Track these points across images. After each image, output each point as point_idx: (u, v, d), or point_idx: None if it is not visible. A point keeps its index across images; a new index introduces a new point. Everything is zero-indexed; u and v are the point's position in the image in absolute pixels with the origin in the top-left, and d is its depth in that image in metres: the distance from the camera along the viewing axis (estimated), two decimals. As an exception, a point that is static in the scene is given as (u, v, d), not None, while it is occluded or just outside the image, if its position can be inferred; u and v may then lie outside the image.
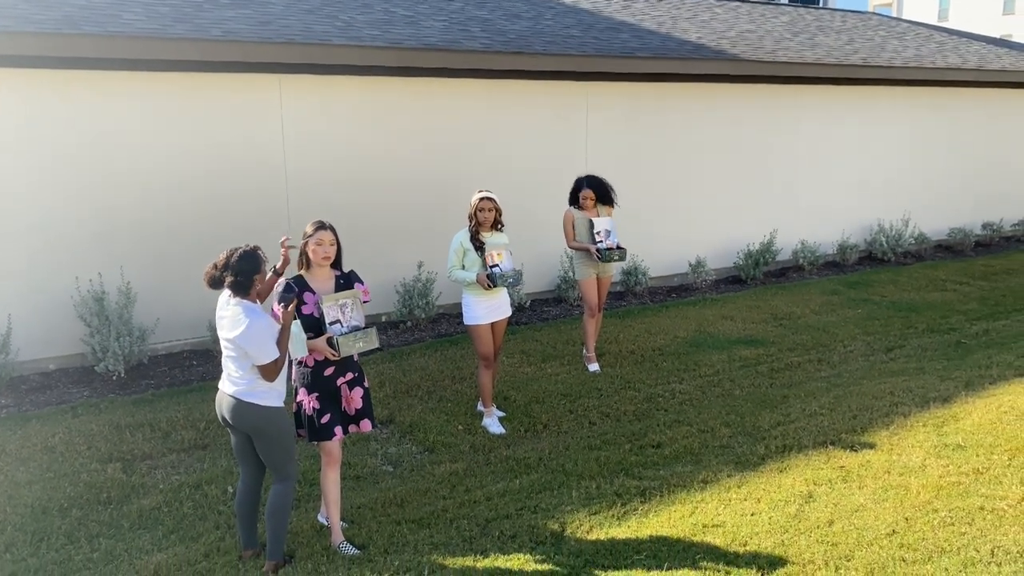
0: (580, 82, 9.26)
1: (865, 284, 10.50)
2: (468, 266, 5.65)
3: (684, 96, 10.08)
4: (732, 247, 10.83)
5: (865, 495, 4.54)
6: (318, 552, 4.21)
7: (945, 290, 10.27)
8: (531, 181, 9.06)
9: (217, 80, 7.29)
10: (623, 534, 4.26)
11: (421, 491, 4.91)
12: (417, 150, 8.40)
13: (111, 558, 4.20)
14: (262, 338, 3.76)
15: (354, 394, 4.29)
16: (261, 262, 3.87)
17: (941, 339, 8.12)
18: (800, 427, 5.66)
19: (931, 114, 12.59)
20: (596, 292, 7.06)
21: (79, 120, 6.80)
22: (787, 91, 10.94)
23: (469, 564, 4.03)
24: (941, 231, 13.10)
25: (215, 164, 7.39)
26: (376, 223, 8.21)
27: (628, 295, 9.80)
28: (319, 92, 7.79)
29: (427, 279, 8.32)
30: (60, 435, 5.62)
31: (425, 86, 8.32)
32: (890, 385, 6.48)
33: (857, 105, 11.70)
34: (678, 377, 6.99)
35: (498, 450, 5.53)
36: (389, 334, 8.12)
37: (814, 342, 8.02)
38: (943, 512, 4.28)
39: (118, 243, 7.05)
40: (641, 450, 5.43)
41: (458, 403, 6.32)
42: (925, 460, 4.96)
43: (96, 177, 6.91)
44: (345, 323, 4.17)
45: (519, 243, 6.91)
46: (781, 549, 3.99)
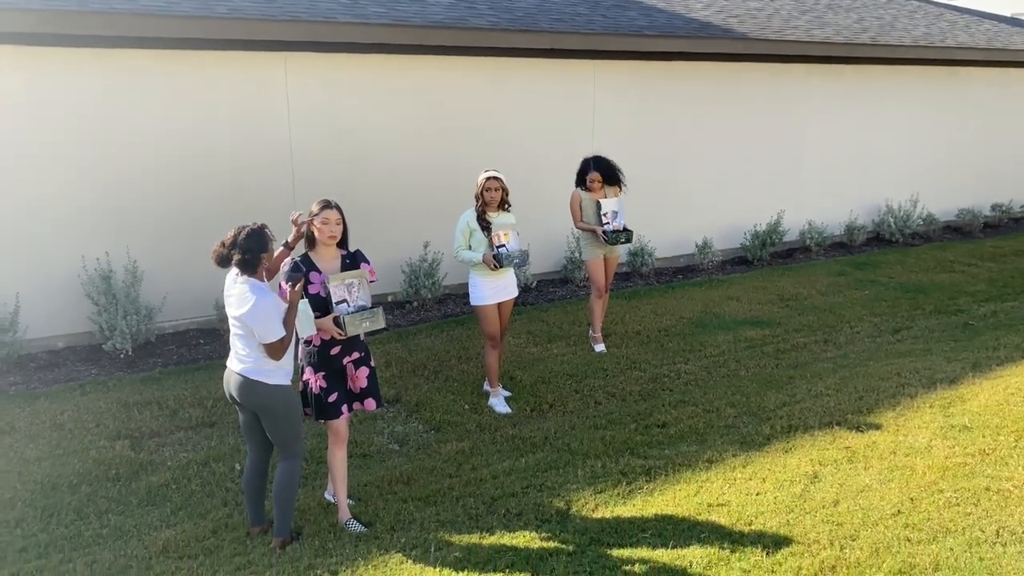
0: (587, 60, 9.19)
1: (873, 265, 10.46)
2: (475, 246, 5.63)
3: (692, 75, 10.00)
4: (739, 228, 10.79)
5: (871, 475, 4.54)
6: (325, 529, 4.24)
7: (953, 271, 10.23)
8: (538, 160, 9.02)
9: (223, 58, 7.25)
10: (628, 512, 4.27)
11: (427, 469, 4.93)
12: (423, 129, 8.36)
13: (120, 534, 4.24)
14: (268, 316, 3.76)
15: (359, 373, 4.30)
16: (268, 240, 3.87)
17: (949, 320, 8.10)
18: (806, 408, 5.66)
19: (940, 94, 12.48)
20: (603, 273, 7.04)
21: (85, 98, 6.78)
22: (795, 70, 10.84)
23: (475, 541, 4.05)
24: (950, 212, 13.03)
25: (221, 142, 7.37)
26: (382, 202, 8.19)
27: (634, 276, 9.79)
28: (324, 70, 7.75)
29: (433, 259, 8.31)
30: (69, 412, 5.66)
31: (431, 64, 8.27)
32: (897, 366, 6.47)
33: (866, 84, 11.59)
34: (684, 358, 6.99)
35: (504, 429, 5.55)
36: (395, 314, 8.13)
37: (820, 323, 8.00)
38: (949, 493, 4.28)
39: (125, 222, 7.05)
40: (646, 430, 5.45)
41: (464, 383, 6.33)
42: (931, 441, 4.96)
43: (102, 156, 6.90)
44: (352, 303, 4.17)
45: (525, 223, 6.89)
46: (786, 528, 4.01)
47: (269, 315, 3.77)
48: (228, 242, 3.82)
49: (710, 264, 10.36)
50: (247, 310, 3.77)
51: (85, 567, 3.92)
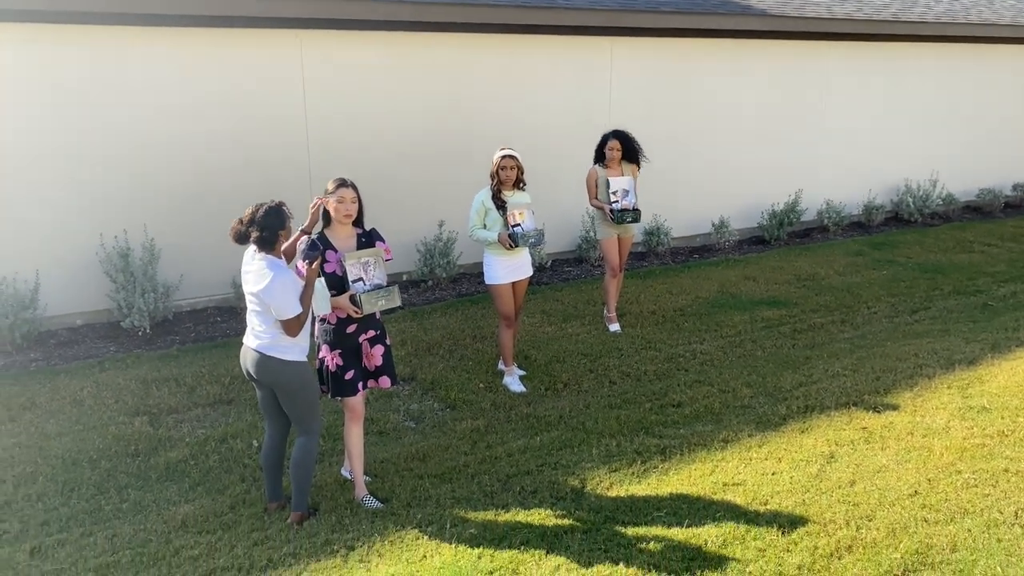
0: (604, 37, 9.10)
1: (891, 245, 10.37)
2: (490, 225, 5.62)
3: (710, 52, 9.89)
4: (756, 207, 10.70)
5: (888, 456, 4.53)
6: (342, 505, 4.28)
7: (972, 252, 10.12)
8: (554, 139, 8.97)
9: (239, 35, 7.23)
10: (643, 491, 4.28)
11: (443, 447, 4.96)
12: (438, 106, 8.33)
13: (140, 508, 4.29)
14: (285, 293, 3.79)
15: (375, 351, 4.32)
16: (286, 218, 3.90)
17: (967, 301, 8.02)
18: (822, 388, 5.64)
19: (962, 72, 12.28)
20: (617, 252, 7.01)
21: (103, 76, 6.78)
22: (815, 47, 10.69)
23: (490, 518, 4.07)
24: (970, 192, 12.87)
25: (237, 121, 7.37)
26: (397, 181, 8.18)
27: (650, 255, 9.74)
28: (339, 47, 7.72)
29: (448, 238, 8.31)
30: (88, 389, 5.72)
31: (447, 41, 8.21)
32: (914, 347, 6.43)
33: (886, 62, 11.43)
34: (699, 337, 6.96)
35: (519, 408, 5.56)
36: (410, 293, 8.14)
37: (838, 303, 7.95)
38: (966, 474, 4.26)
39: (142, 200, 7.08)
40: (662, 409, 5.44)
41: (479, 361, 6.34)
42: (949, 422, 4.93)
43: (120, 134, 6.91)
44: (368, 281, 4.18)
45: (540, 202, 6.86)
46: (802, 508, 4.00)
47: (287, 292, 3.79)
48: (246, 219, 3.84)
49: (727, 244, 10.30)
50: (264, 286, 3.79)
51: (105, 540, 3.98)
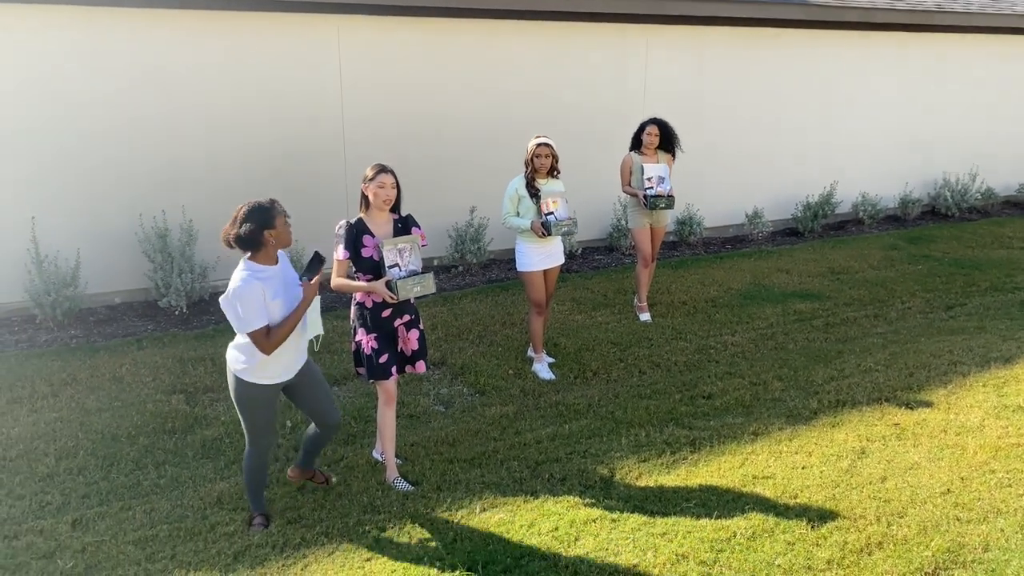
0: (640, 25, 9.04)
1: (927, 239, 10.22)
2: (523, 213, 5.63)
3: (748, 41, 9.78)
4: (790, 198, 10.60)
5: (920, 453, 4.49)
6: (373, 487, 4.34)
7: (1011, 248, 9.95)
8: (587, 127, 8.94)
9: (278, 20, 7.29)
10: (672, 482, 4.29)
11: (472, 432, 5.00)
12: (472, 93, 8.34)
13: (177, 484, 4.39)
14: (246, 306, 3.48)
15: (411, 335, 4.36)
16: (274, 216, 3.58)
17: (1004, 298, 7.89)
18: (854, 383, 5.60)
19: (1006, 64, 12.03)
20: (649, 241, 6.99)
21: (145, 59, 6.87)
22: (856, 37, 10.53)
23: (520, 504, 4.11)
24: (1011, 187, 12.64)
25: (275, 105, 7.44)
26: (430, 167, 8.21)
27: (682, 245, 9.70)
28: (376, 33, 7.75)
29: (479, 224, 8.34)
30: (127, 366, 5.84)
31: (481, 28, 8.21)
32: (949, 343, 6.35)
33: (928, 53, 11.22)
34: (731, 329, 6.94)
35: (548, 395, 5.59)
36: (441, 278, 8.19)
37: (871, 297, 7.86)
38: (1000, 473, 4.22)
39: (181, 182, 7.18)
40: (692, 400, 5.44)
41: (508, 348, 6.37)
42: (983, 420, 4.88)
43: (160, 116, 7.01)
44: (403, 267, 4.22)
45: (573, 190, 6.84)
46: (832, 503, 3.99)
47: (245, 305, 3.48)
48: (233, 220, 3.62)
49: (760, 235, 10.22)
50: (224, 296, 3.55)
51: (144, 515, 4.08)
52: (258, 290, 3.51)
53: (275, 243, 3.63)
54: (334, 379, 5.76)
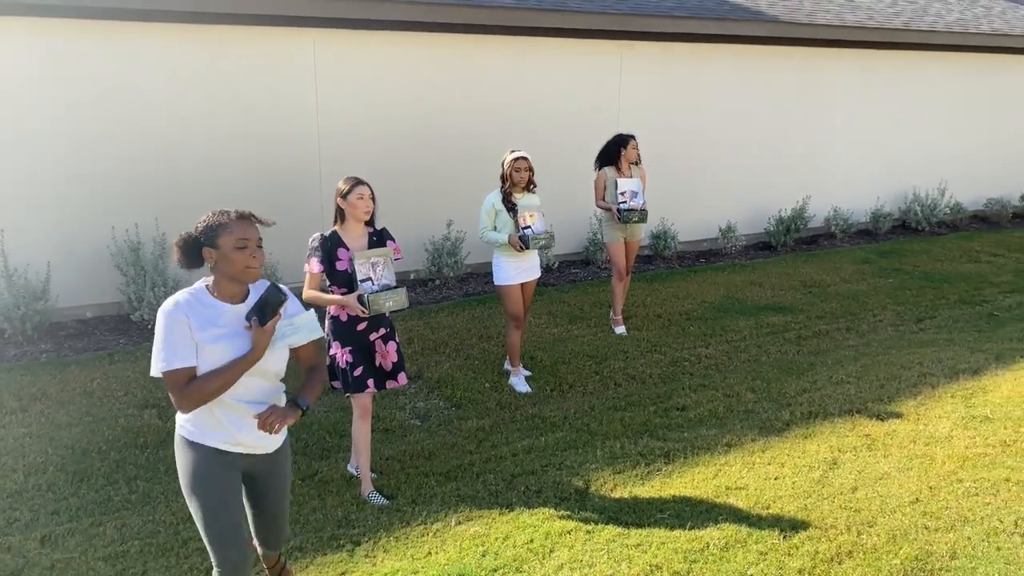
0: (614, 41, 9.14)
1: (897, 253, 10.38)
2: (500, 227, 5.65)
3: (720, 57, 9.92)
4: (763, 213, 10.73)
5: (890, 463, 4.55)
6: (348, 501, 4.33)
7: (979, 261, 10.13)
8: (562, 142, 9.01)
9: (253, 33, 7.29)
10: (647, 493, 4.32)
11: (448, 445, 5.00)
12: (448, 107, 8.37)
13: (148, 500, 4.34)
14: (158, 336, 2.71)
15: (389, 348, 4.37)
16: (217, 233, 2.74)
17: (973, 311, 8.03)
18: (826, 395, 5.67)
19: (973, 81, 12.29)
20: (624, 255, 7.05)
21: (118, 70, 6.84)
22: (825, 54, 10.72)
23: (495, 517, 4.11)
24: (978, 201, 12.87)
25: (249, 118, 7.43)
26: (406, 180, 8.23)
27: (656, 259, 9.78)
28: (351, 47, 7.77)
29: (456, 238, 8.35)
30: (98, 380, 5.78)
31: (457, 42, 8.26)
32: (919, 356, 6.45)
33: (897, 70, 11.44)
34: (704, 342, 7.00)
35: (524, 408, 5.61)
36: (417, 291, 8.19)
37: (843, 310, 7.97)
38: (968, 482, 4.28)
39: (154, 195, 7.14)
40: (666, 412, 5.48)
41: (485, 361, 6.38)
42: (952, 431, 4.96)
43: (131, 130, 6.98)
44: (376, 281, 4.22)
45: (548, 204, 6.89)
46: (804, 513, 4.03)
47: (161, 335, 2.70)
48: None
49: (733, 249, 10.33)
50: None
51: (115, 531, 4.03)
52: (180, 322, 2.69)
53: (220, 270, 2.79)
54: (309, 393, 5.73)
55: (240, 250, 2.76)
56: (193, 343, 2.70)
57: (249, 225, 2.80)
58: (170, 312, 2.71)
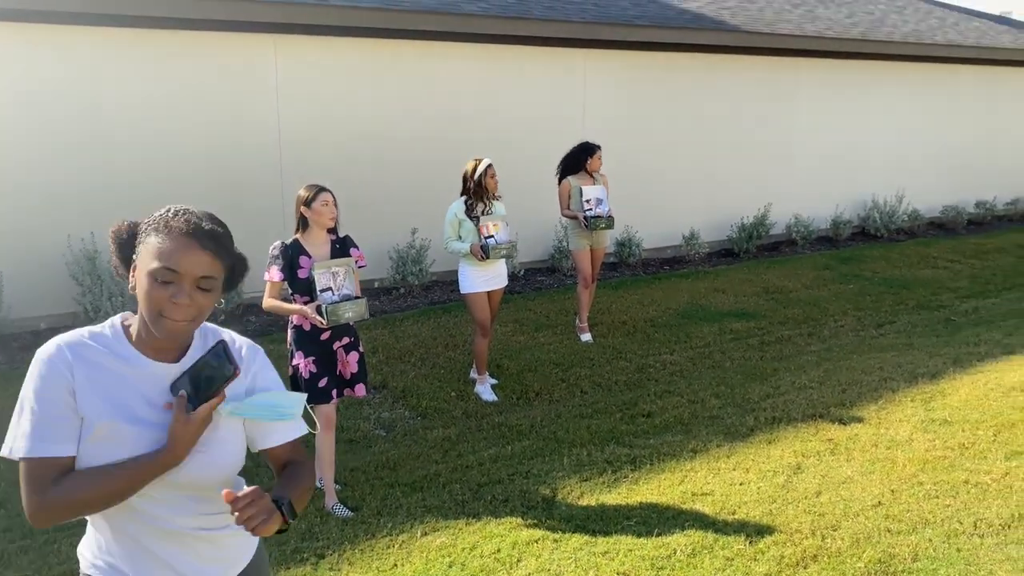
0: (578, 49, 9.19)
1: (857, 260, 10.55)
2: (464, 236, 5.63)
3: (683, 66, 10.02)
4: (726, 220, 10.84)
5: (853, 467, 4.60)
6: (312, 513, 4.25)
7: (936, 267, 10.33)
8: (528, 149, 9.02)
9: (213, 38, 7.19)
10: (614, 500, 4.31)
11: (414, 455, 4.95)
12: (413, 114, 8.34)
13: (105, 516, 4.23)
14: (19, 402, 1.69)
15: (350, 358, 4.31)
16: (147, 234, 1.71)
17: (931, 316, 8.18)
18: (790, 400, 5.72)
19: (929, 90, 12.57)
20: (589, 263, 7.07)
21: (73, 75, 6.70)
22: (786, 64, 10.88)
23: (462, 527, 4.08)
24: (934, 208, 13.14)
25: (209, 124, 7.32)
26: (370, 188, 8.17)
27: (621, 266, 9.82)
28: (314, 53, 7.71)
29: (421, 246, 8.31)
30: (53, 394, 5.62)
31: (422, 49, 8.23)
32: (879, 360, 6.54)
33: (855, 79, 11.66)
34: (669, 348, 7.03)
35: (490, 417, 5.57)
36: (382, 300, 8.12)
37: (805, 316, 8.07)
38: (928, 485, 4.34)
39: (110, 203, 6.98)
40: (632, 419, 5.48)
41: (450, 370, 6.34)
42: (912, 434, 5.03)
43: (88, 136, 6.84)
44: (336, 291, 4.16)
45: (514, 211, 6.89)
46: (769, 518, 4.05)
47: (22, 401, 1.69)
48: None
49: (697, 256, 10.41)
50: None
51: (70, 548, 3.91)
52: (60, 383, 1.67)
53: (132, 277, 1.74)
54: (272, 404, 5.65)
55: (159, 284, 1.65)
56: (77, 418, 1.66)
57: (195, 250, 1.66)
58: (47, 363, 1.67)
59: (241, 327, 7.21)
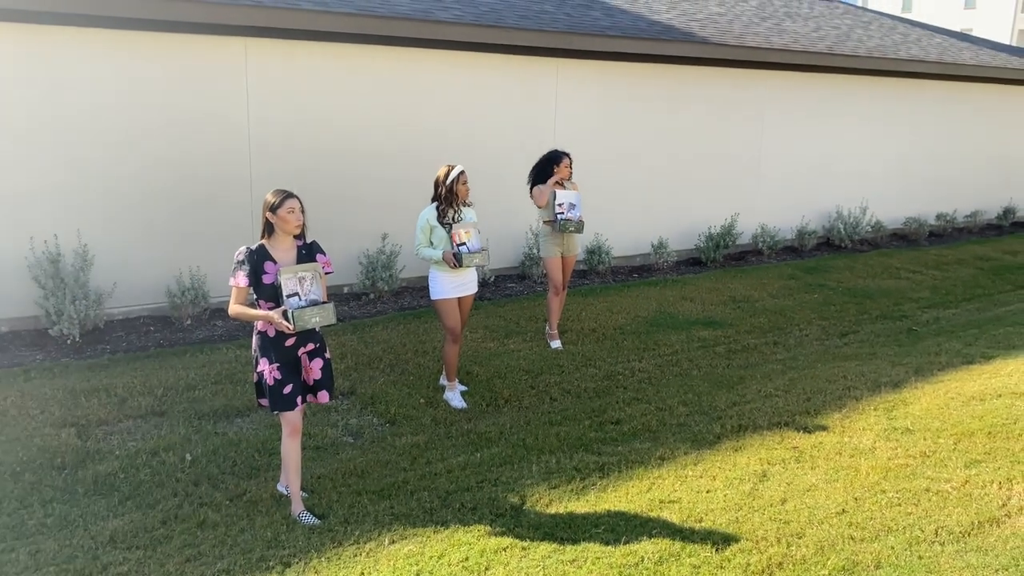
0: (551, 58, 9.23)
1: (822, 270, 10.71)
2: (436, 243, 5.62)
3: (652, 76, 10.11)
4: (694, 229, 10.94)
5: (817, 475, 4.66)
6: (278, 521, 4.21)
7: (899, 278, 10.52)
8: (499, 156, 9.04)
9: (183, 40, 7.11)
10: (582, 508, 4.32)
11: (382, 463, 4.92)
12: (384, 120, 8.31)
13: (66, 523, 4.15)
14: None
15: (313, 364, 4.28)
16: None
17: (893, 326, 8.33)
18: (755, 408, 5.78)
19: (892, 104, 12.81)
20: (560, 270, 7.09)
21: (38, 76, 6.59)
22: (753, 76, 11.03)
23: (430, 535, 4.06)
24: (897, 220, 13.39)
25: (178, 127, 7.23)
26: (340, 192, 8.12)
27: (591, 274, 9.87)
28: (286, 57, 7.65)
29: (391, 251, 8.28)
30: (12, 398, 5.51)
31: (394, 56, 8.22)
32: (843, 369, 6.64)
33: (821, 92, 11.85)
34: (638, 356, 7.07)
35: (459, 424, 5.56)
36: (351, 305, 8.07)
37: (771, 325, 8.16)
38: (891, 493, 4.41)
39: (75, 205, 6.88)
40: (600, 426, 5.51)
41: (420, 376, 6.32)
42: (875, 443, 5.11)
43: (53, 136, 6.72)
44: (303, 296, 4.12)
45: (485, 218, 6.89)
46: (735, 526, 4.09)
47: None
48: None
49: (665, 264, 10.50)
50: None
51: (28, 556, 3.83)
52: None
53: None
54: (237, 410, 5.58)
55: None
56: None
57: None
58: None
59: (208, 332, 7.13)
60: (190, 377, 6.05)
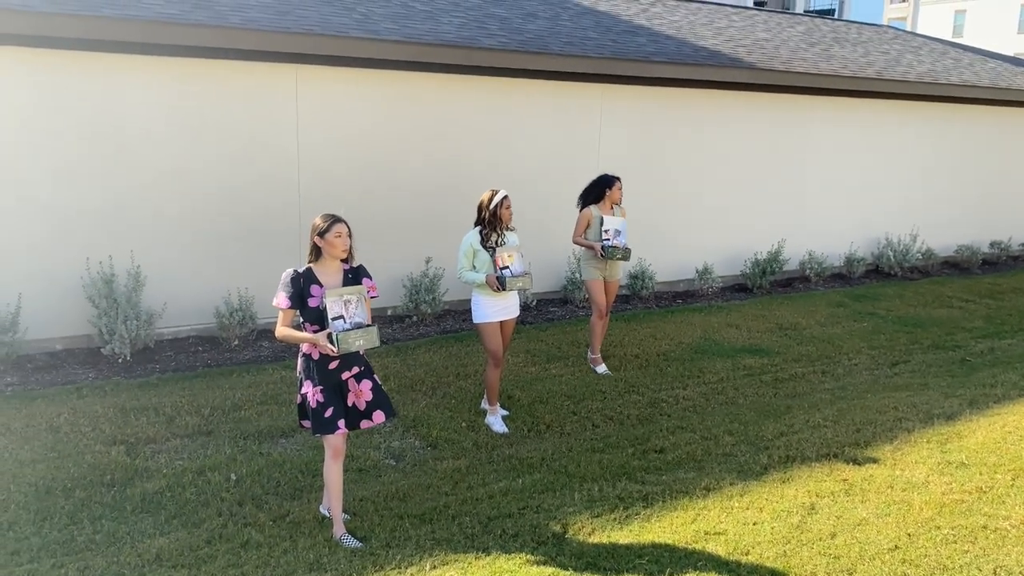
0: (595, 84, 9.25)
1: (871, 298, 10.49)
2: (479, 267, 5.63)
3: (698, 102, 10.07)
4: (739, 255, 10.82)
5: (868, 509, 4.54)
6: (320, 543, 4.22)
7: (951, 307, 10.26)
8: (542, 181, 9.06)
9: (235, 67, 7.29)
10: (625, 538, 4.26)
11: (423, 486, 4.92)
12: (429, 146, 8.40)
13: (114, 540, 4.21)
14: None
15: (363, 387, 4.30)
16: None
17: (946, 356, 8.11)
18: (803, 438, 5.66)
19: (943, 130, 12.58)
20: (603, 293, 7.05)
21: (95, 102, 6.80)
22: (801, 101, 10.92)
23: (471, 561, 4.03)
24: (948, 248, 13.09)
25: (229, 152, 7.40)
26: (386, 216, 8.21)
27: (634, 299, 9.80)
28: (334, 84, 7.80)
29: (434, 275, 8.33)
30: (65, 415, 5.63)
31: (440, 82, 8.32)
32: (894, 400, 6.48)
33: (870, 118, 11.69)
34: (682, 383, 6.99)
35: (501, 449, 5.54)
36: (394, 328, 8.13)
37: (819, 354, 8.01)
38: (946, 529, 4.28)
39: (129, 227, 7.06)
40: (644, 455, 5.44)
41: (461, 400, 6.32)
42: (928, 476, 4.96)
43: (110, 161, 6.92)
44: (348, 319, 4.16)
45: (526, 243, 6.90)
46: (783, 560, 4.00)
47: None
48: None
49: (710, 290, 10.39)
50: None
51: (77, 572, 3.89)
52: None
53: None
54: (282, 431, 5.64)
55: None
56: None
57: None
58: None
59: (254, 352, 7.23)
60: (236, 397, 6.13)
